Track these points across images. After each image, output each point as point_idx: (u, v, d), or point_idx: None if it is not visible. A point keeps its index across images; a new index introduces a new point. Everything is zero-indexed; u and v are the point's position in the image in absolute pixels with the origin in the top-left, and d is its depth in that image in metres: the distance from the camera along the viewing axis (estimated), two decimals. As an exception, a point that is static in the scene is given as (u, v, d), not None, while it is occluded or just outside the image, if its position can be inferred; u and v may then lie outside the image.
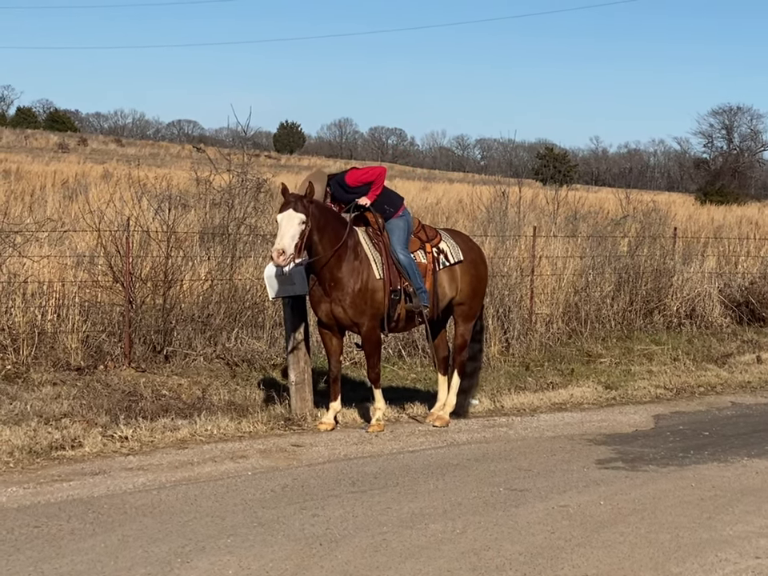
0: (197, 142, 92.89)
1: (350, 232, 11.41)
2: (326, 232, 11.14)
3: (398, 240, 11.64)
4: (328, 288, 11.30)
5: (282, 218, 10.91)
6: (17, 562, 7.26)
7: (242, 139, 20.38)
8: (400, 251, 11.60)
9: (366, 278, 11.36)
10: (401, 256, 11.58)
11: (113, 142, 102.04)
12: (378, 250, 11.55)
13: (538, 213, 28.96)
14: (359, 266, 11.36)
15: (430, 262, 11.93)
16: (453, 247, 12.18)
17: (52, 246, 16.39)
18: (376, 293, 11.43)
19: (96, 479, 9.47)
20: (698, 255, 22.26)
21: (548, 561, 7.64)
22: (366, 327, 11.50)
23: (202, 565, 7.33)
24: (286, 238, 10.78)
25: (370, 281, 11.38)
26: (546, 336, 17.29)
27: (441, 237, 12.20)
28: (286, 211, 10.90)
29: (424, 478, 9.88)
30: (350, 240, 11.38)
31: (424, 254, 11.93)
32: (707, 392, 15.13)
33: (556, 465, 10.61)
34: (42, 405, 11.68)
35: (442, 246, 12.09)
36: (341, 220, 11.54)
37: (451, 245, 12.20)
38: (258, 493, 9.23)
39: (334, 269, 11.22)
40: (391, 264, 11.55)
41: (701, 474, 10.40)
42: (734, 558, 7.86)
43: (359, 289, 11.32)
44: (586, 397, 14.25)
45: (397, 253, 11.58)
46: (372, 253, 11.51)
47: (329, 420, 11.72)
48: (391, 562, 7.53)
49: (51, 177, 40.41)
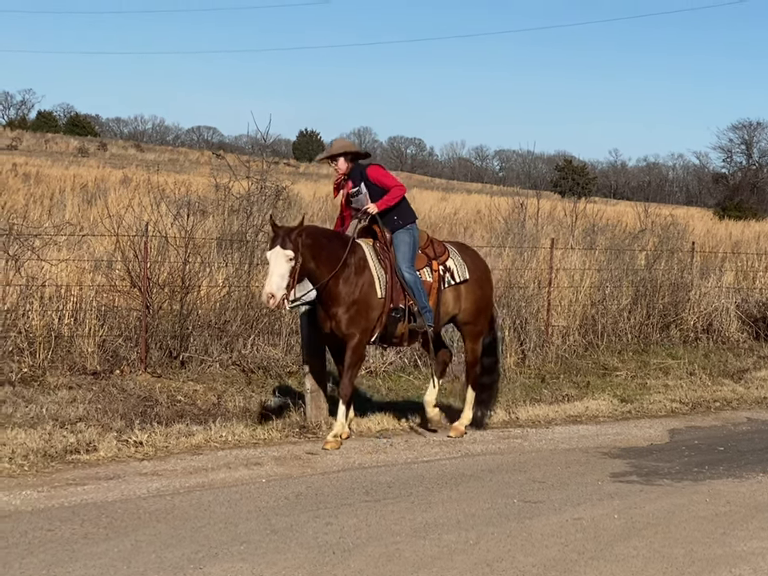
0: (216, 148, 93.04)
1: (350, 250, 11.24)
2: (322, 258, 10.98)
3: (404, 257, 11.49)
4: (329, 303, 11.18)
5: (270, 255, 10.75)
6: (30, 565, 7.27)
7: (262, 146, 20.34)
8: (406, 269, 11.45)
9: (365, 295, 11.23)
10: (406, 275, 11.44)
11: (132, 147, 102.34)
12: (383, 267, 11.41)
13: (556, 225, 28.91)
14: (360, 282, 11.22)
15: (436, 280, 11.78)
16: (460, 265, 12.02)
17: (70, 249, 16.43)
18: (372, 311, 11.31)
19: (110, 484, 9.48)
20: (715, 270, 22.21)
21: (561, 573, 7.62)
22: (355, 340, 11.27)
23: (214, 571, 7.33)
24: (275, 278, 10.61)
25: (369, 298, 11.26)
26: (563, 348, 17.27)
27: (449, 253, 12.05)
28: (274, 248, 10.71)
29: (438, 489, 9.87)
30: (351, 258, 11.21)
31: (430, 271, 11.77)
32: (723, 407, 15.08)
33: (570, 477, 10.58)
34: (58, 408, 11.70)
35: (449, 264, 11.94)
36: (339, 241, 11.38)
37: (459, 262, 12.04)
38: (271, 500, 9.23)
39: (332, 287, 11.10)
40: (395, 282, 11.41)
41: (715, 489, 10.36)
42: (748, 574, 7.83)
43: (356, 304, 11.18)
44: (602, 410, 14.22)
45: (402, 271, 11.44)
46: (377, 270, 11.35)
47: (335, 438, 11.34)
48: (404, 571, 7.52)
49: (70, 181, 40.56)
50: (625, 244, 22.67)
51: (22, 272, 14.04)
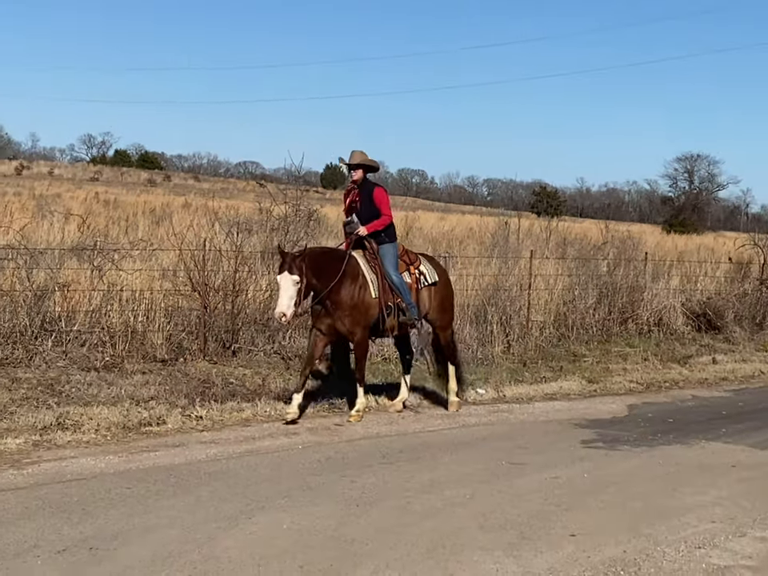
0: (259, 179, 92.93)
1: (348, 262, 11.11)
2: (323, 274, 10.80)
3: (390, 264, 11.39)
4: (330, 308, 10.96)
5: (280, 280, 10.52)
6: (113, 516, 7.28)
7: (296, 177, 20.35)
8: (393, 273, 11.37)
9: (363, 298, 11.10)
10: (394, 278, 11.36)
11: (191, 179, 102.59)
12: (374, 272, 11.29)
13: (534, 239, 28.84)
14: (358, 287, 11.10)
15: (414, 281, 11.71)
16: (430, 270, 11.94)
17: (143, 261, 16.45)
18: (371, 309, 11.18)
19: (176, 450, 9.49)
20: (664, 275, 22.14)
21: (542, 522, 7.60)
22: (358, 336, 11.19)
23: (262, 520, 7.33)
24: (284, 300, 10.43)
25: (366, 299, 11.13)
26: (540, 339, 17.20)
27: (420, 261, 11.95)
28: (282, 273, 10.51)
29: (441, 453, 9.86)
30: (348, 268, 11.08)
31: (409, 274, 11.69)
32: (672, 387, 15.02)
33: (548, 444, 10.56)
34: (134, 390, 11.71)
35: (421, 269, 11.84)
36: (337, 257, 11.21)
37: (429, 268, 11.96)
38: (306, 463, 9.22)
39: (333, 294, 10.92)
40: (385, 284, 11.30)
41: (667, 453, 10.33)
42: (694, 522, 7.80)
43: (356, 306, 11.05)
44: (573, 389, 14.19)
45: (391, 275, 11.34)
46: (370, 275, 11.24)
47: (293, 409, 10.91)
48: (414, 520, 7.52)
49: (142, 206, 40.59)
50: (590, 254, 22.63)
51: (104, 279, 14.06)
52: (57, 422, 10.07)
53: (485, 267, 19.31)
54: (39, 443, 9.46)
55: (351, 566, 6.45)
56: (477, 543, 7.02)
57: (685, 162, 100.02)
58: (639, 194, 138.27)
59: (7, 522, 7.02)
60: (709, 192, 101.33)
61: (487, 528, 7.40)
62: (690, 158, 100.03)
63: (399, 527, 7.31)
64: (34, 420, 10.09)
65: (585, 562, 6.75)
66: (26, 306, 12.95)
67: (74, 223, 21.96)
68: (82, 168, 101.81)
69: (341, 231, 12.94)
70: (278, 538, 6.96)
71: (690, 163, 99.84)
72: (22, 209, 29.43)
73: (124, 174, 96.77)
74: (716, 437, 11.24)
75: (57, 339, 12.97)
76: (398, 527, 7.31)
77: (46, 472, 8.47)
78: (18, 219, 20.25)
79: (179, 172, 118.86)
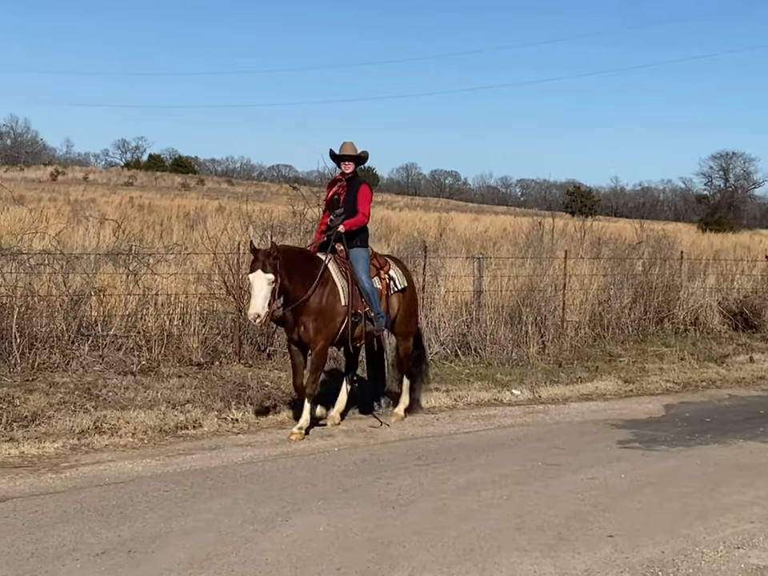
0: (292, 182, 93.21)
1: (324, 268, 10.48)
2: (297, 276, 10.15)
3: (363, 269, 10.81)
4: (299, 312, 10.29)
5: (253, 278, 9.83)
6: (151, 519, 7.33)
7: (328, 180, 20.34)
8: (365, 279, 10.76)
9: (332, 304, 10.44)
10: (365, 284, 10.71)
11: (225, 182, 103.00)
12: (344, 277, 10.65)
13: (568, 239, 28.70)
14: (327, 293, 10.41)
15: (384, 287, 11.16)
16: (399, 275, 11.40)
17: (177, 265, 16.51)
18: (337, 317, 10.50)
19: (213, 453, 9.54)
20: (700, 274, 21.99)
21: (579, 523, 7.58)
22: (319, 345, 10.42)
23: (298, 522, 7.35)
24: (259, 301, 9.74)
25: (335, 307, 10.47)
26: (575, 339, 17.14)
27: (389, 265, 11.40)
28: (255, 272, 9.82)
29: (477, 454, 9.84)
30: (325, 273, 10.47)
31: (379, 280, 11.10)
32: (709, 386, 14.94)
33: (584, 444, 10.52)
34: (170, 393, 11.77)
35: (391, 273, 11.29)
36: (312, 259, 10.57)
37: (399, 273, 11.42)
38: (342, 465, 9.24)
39: (305, 299, 10.31)
40: (355, 290, 10.67)
41: (704, 453, 10.27)
42: (733, 523, 7.75)
43: (323, 312, 10.37)
44: (609, 389, 14.13)
45: (362, 281, 10.70)
46: (340, 281, 10.56)
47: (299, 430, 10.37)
48: (450, 522, 7.51)
49: (176, 210, 40.85)
50: (625, 254, 22.45)
51: (140, 284, 14.14)
52: (94, 426, 10.15)
53: (519, 268, 19.24)
54: (77, 447, 9.55)
55: (388, 567, 6.46)
56: (514, 544, 7.01)
57: (720, 160, 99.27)
58: (674, 193, 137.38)
59: (46, 526, 7.09)
60: (744, 190, 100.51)
61: (524, 529, 7.38)
62: (725, 155, 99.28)
63: (436, 529, 7.31)
64: (72, 424, 10.17)
65: (622, 563, 6.72)
66: (62, 311, 13.05)
67: (109, 228, 22.13)
68: (117, 173, 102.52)
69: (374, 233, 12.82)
70: (314, 540, 6.98)
71: (725, 161, 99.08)
72: (57, 214, 29.74)
73: (158, 179, 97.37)
74: (754, 436, 11.16)
75: (93, 343, 13.06)
76: (435, 529, 7.31)
77: (84, 476, 8.54)
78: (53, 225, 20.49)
79: (213, 176, 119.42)
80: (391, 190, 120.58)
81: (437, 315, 15.93)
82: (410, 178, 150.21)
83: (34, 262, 13.82)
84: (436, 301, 16.46)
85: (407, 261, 17.87)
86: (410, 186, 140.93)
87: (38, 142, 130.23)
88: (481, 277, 16.90)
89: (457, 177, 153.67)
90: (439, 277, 17.35)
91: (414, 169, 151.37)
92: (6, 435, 9.67)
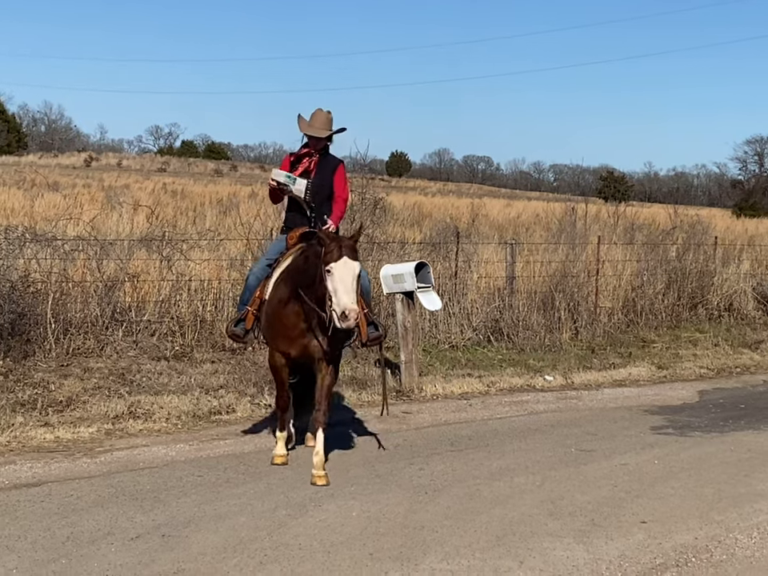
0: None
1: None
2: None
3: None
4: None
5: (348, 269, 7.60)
6: (185, 504, 7.37)
7: (361, 165, 20.28)
8: (364, 276, 8.42)
9: None
10: (365, 282, 8.77)
11: (257, 168, 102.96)
12: None
13: (601, 225, 28.61)
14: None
15: None
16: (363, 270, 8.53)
17: (211, 251, 16.58)
18: None
19: (246, 438, 9.57)
20: (734, 259, 21.85)
21: (612, 509, 7.55)
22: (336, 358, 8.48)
23: (331, 508, 7.37)
24: (353, 294, 7.57)
25: None
26: (608, 325, 17.08)
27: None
28: (349, 260, 7.61)
29: (509, 440, 9.83)
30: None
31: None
32: (743, 372, 14.84)
33: (617, 430, 10.48)
34: (203, 378, 11.83)
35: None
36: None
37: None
38: (375, 450, 9.25)
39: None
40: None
41: (738, 439, 10.20)
42: (767, 509, 7.70)
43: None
44: (642, 375, 14.07)
45: (364, 279, 8.54)
46: None
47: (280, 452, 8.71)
48: (483, 507, 7.50)
49: (209, 196, 41.02)
50: (658, 239, 22.33)
51: (173, 270, 14.20)
52: (128, 411, 10.22)
53: (552, 254, 19.18)
54: (111, 432, 9.61)
55: (421, 552, 6.46)
56: (546, 530, 6.99)
57: (755, 145, 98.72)
58: (708, 178, 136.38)
59: (81, 510, 7.14)
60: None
61: (557, 515, 7.36)
62: (759, 140, 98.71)
63: (468, 514, 7.31)
64: (106, 409, 10.25)
65: (656, 549, 6.69)
66: (96, 297, 13.15)
67: (142, 214, 22.25)
68: (150, 159, 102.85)
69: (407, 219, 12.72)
70: (347, 525, 6.99)
71: (759, 146, 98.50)
72: (91, 200, 29.95)
73: (191, 165, 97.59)
74: (789, 423, 11.08)
75: (127, 329, 13.15)
76: (467, 514, 7.31)
77: (118, 460, 8.60)
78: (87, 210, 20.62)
79: (245, 162, 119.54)
80: (424, 176, 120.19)
81: (469, 301, 15.90)
82: (443, 163, 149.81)
83: (69, 247, 13.91)
84: (468, 287, 16.45)
85: (440, 247, 17.89)
86: (443, 172, 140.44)
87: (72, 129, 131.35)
88: (513, 263, 16.84)
89: (489, 162, 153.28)
90: (472, 263, 17.34)
91: (447, 154, 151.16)
92: (41, 420, 9.75)
